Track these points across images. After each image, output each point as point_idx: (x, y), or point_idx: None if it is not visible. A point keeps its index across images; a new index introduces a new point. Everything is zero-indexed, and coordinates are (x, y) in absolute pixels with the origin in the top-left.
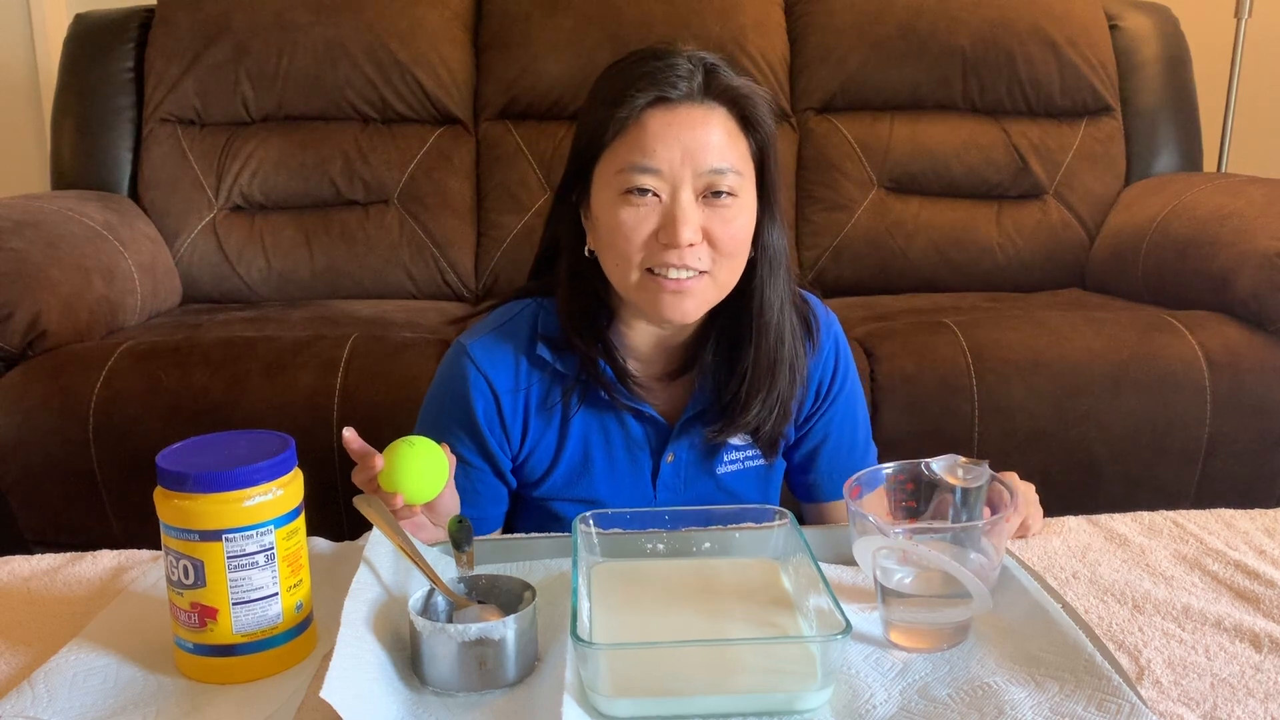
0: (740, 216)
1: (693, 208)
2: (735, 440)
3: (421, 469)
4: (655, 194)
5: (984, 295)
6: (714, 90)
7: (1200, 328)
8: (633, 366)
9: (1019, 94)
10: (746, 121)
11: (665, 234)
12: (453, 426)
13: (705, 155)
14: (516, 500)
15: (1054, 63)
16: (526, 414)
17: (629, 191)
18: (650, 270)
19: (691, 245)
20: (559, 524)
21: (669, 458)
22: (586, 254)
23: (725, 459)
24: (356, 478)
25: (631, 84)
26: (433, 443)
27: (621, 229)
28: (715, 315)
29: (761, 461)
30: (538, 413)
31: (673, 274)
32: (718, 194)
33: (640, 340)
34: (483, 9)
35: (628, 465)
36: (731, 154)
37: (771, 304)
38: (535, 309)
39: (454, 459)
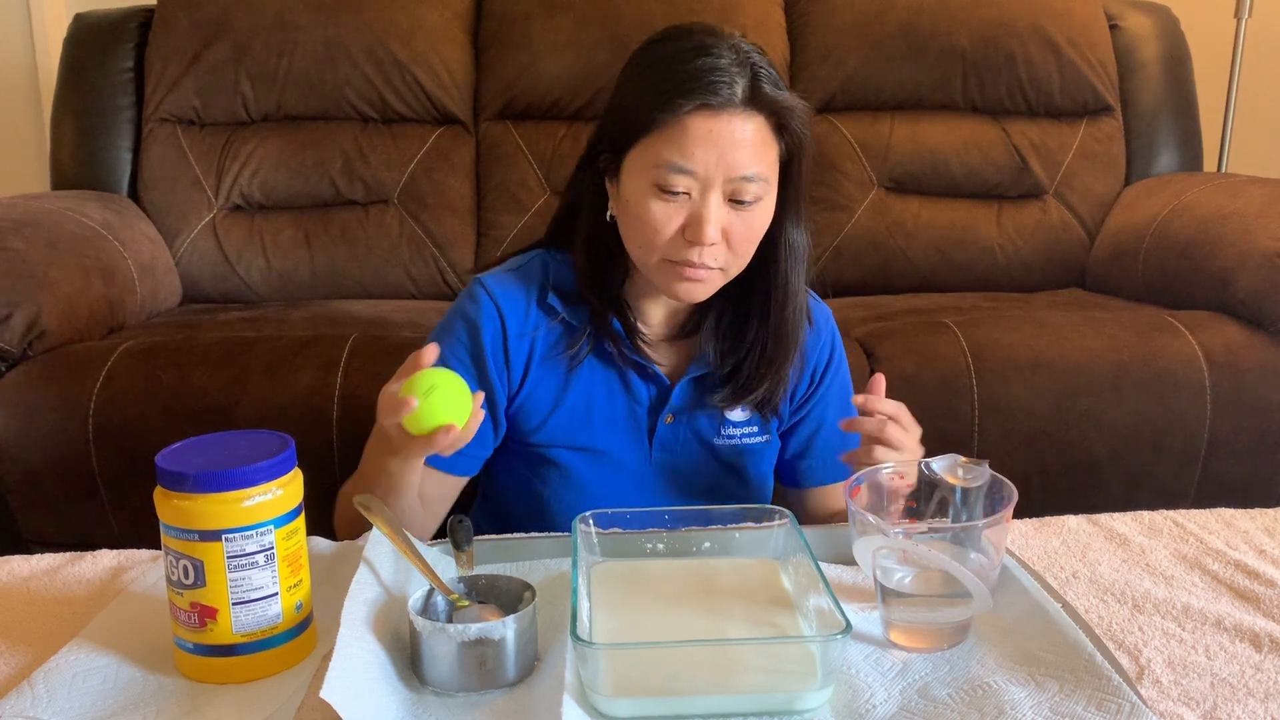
0: (759, 220)
1: (720, 208)
2: (735, 417)
3: (450, 399)
4: (686, 192)
5: (984, 295)
6: (757, 100)
7: (1200, 328)
8: (640, 325)
9: (1019, 94)
10: (782, 129)
11: (691, 231)
12: (457, 349)
13: (738, 162)
14: (511, 456)
15: (1054, 63)
16: (530, 359)
17: (662, 187)
18: (669, 259)
19: (713, 244)
20: (556, 471)
21: (668, 418)
22: (608, 218)
23: (723, 431)
24: (386, 408)
25: (676, 86)
26: (448, 373)
27: (651, 222)
28: (724, 287)
29: (759, 439)
30: (541, 360)
31: (691, 264)
32: (743, 199)
33: (650, 303)
34: (483, 9)
35: (627, 420)
36: (762, 161)
37: (796, 294)
38: (546, 259)
39: (481, 396)
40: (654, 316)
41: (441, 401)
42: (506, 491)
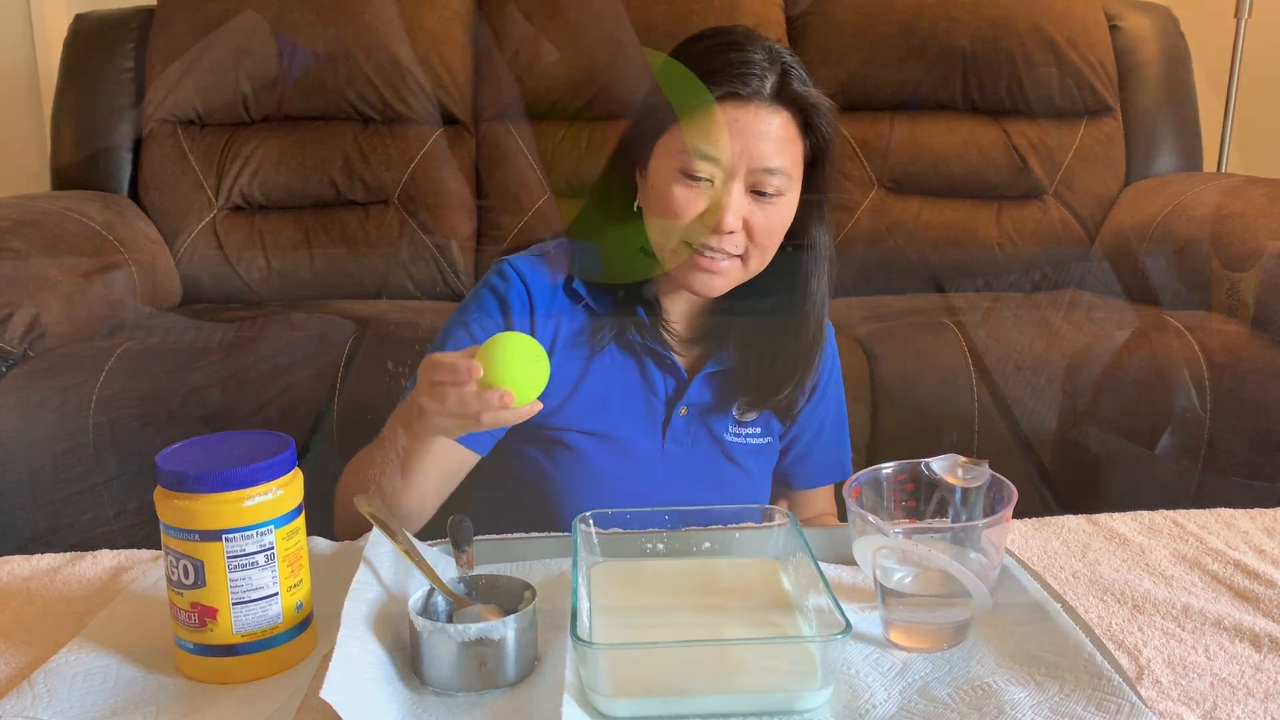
0: (780, 214)
1: (741, 198)
2: (745, 416)
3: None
4: (709, 179)
5: (984, 295)
6: (785, 95)
7: (1200, 328)
8: (664, 315)
9: (1019, 94)
10: (808, 127)
11: (711, 217)
12: (485, 322)
13: (763, 154)
14: (523, 439)
15: (1054, 63)
16: (554, 342)
17: (687, 173)
18: (689, 244)
19: (732, 232)
20: (569, 454)
21: (682, 410)
22: (635, 209)
23: (731, 429)
24: (444, 374)
25: (707, 75)
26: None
27: (673, 205)
28: (744, 287)
29: (763, 440)
30: (565, 345)
31: (709, 253)
32: (765, 191)
33: (672, 301)
34: (483, 9)
35: (643, 410)
36: (786, 156)
37: (815, 294)
38: (570, 247)
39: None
40: (675, 314)
41: (521, 368)
42: (513, 480)
